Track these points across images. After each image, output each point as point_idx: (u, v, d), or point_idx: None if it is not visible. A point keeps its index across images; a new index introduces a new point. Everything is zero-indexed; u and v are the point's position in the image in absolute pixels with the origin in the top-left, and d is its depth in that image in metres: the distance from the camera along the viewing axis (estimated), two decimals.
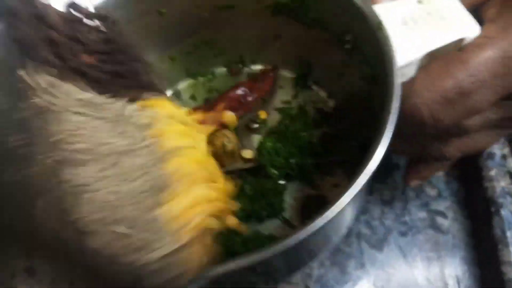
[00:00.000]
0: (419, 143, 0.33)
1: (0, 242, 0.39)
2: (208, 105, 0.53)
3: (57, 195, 0.28)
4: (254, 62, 0.57)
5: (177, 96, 0.57)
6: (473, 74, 0.34)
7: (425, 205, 0.57)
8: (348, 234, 0.54)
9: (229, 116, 0.49)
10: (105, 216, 0.28)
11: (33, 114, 0.28)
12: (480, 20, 0.38)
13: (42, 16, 0.28)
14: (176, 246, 0.30)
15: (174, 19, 0.49)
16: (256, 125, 0.53)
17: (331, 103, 0.54)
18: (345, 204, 0.31)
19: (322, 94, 0.56)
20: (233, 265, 0.29)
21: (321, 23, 0.46)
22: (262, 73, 0.55)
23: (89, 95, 0.29)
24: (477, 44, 0.36)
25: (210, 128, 0.47)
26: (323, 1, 0.44)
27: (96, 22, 0.33)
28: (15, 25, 0.27)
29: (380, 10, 0.38)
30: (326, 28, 0.46)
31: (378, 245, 0.54)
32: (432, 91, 0.35)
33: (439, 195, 0.57)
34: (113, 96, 0.31)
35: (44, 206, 0.28)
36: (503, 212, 0.49)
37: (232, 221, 0.41)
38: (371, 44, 0.38)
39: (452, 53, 0.37)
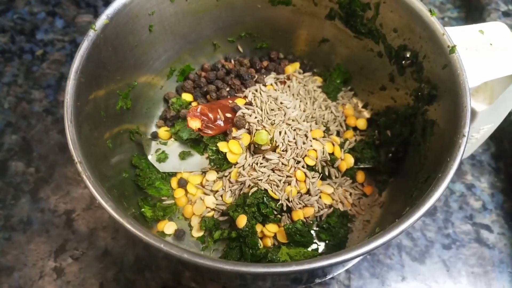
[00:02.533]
0: None
1: None
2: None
3: None
4: (292, 61, 0.56)
5: None
6: None
7: (469, 218, 0.54)
8: (388, 245, 0.52)
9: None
10: None
11: None
12: None
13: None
14: None
15: (227, 5, 0.48)
16: None
17: (366, 113, 0.53)
18: (396, 234, 0.30)
19: (358, 104, 0.54)
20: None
21: (378, 36, 0.45)
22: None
23: None
24: None
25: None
26: (389, 18, 0.43)
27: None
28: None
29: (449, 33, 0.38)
30: (383, 42, 0.45)
31: (420, 258, 0.51)
32: None
33: (484, 208, 0.55)
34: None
35: None
36: None
37: None
38: (437, 65, 0.38)
39: None
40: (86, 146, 0.35)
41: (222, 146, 0.46)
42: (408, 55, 0.42)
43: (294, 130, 0.47)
